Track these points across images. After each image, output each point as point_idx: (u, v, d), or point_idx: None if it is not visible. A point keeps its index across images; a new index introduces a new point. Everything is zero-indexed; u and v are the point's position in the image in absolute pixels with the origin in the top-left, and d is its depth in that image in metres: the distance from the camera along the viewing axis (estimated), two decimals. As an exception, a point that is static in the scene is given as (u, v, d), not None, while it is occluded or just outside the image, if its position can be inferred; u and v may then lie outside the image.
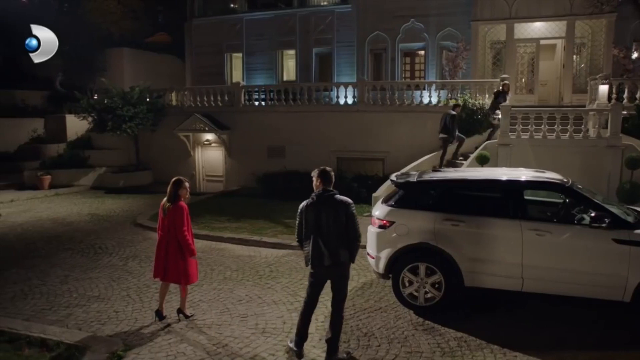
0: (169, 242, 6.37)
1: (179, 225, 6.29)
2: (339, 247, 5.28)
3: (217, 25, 24.10)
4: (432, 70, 21.41)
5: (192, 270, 6.55)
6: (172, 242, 6.34)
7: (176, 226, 6.30)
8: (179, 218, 6.31)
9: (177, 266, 6.35)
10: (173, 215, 6.32)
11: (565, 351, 5.52)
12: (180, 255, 6.36)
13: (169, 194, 6.42)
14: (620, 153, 11.43)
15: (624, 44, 17.76)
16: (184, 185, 6.48)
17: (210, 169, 18.36)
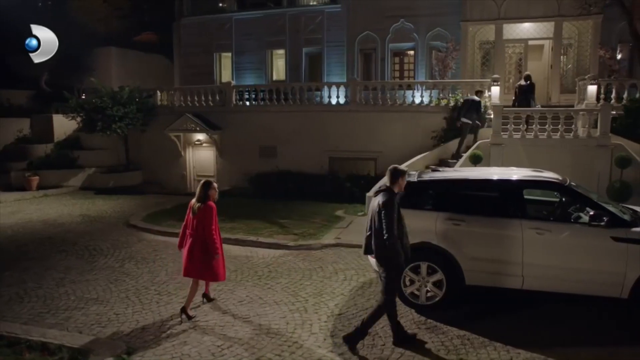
0: (195, 241, 6.58)
1: (207, 224, 6.53)
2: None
3: (206, 25, 23.97)
4: (422, 70, 21.54)
5: (219, 268, 6.73)
6: (199, 240, 6.55)
7: (204, 225, 6.53)
8: (207, 217, 6.53)
9: (203, 264, 6.56)
10: (202, 215, 6.55)
11: (567, 348, 5.60)
12: (207, 253, 6.55)
13: (198, 195, 6.65)
14: (610, 152, 11.63)
15: (609, 45, 18.10)
16: (213, 186, 6.74)
17: (201, 169, 18.25)
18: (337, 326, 6.32)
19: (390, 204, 5.42)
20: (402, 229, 5.62)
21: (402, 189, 5.69)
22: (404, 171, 5.73)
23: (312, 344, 5.86)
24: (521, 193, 6.59)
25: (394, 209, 5.43)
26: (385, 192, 5.57)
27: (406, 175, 5.74)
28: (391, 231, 5.36)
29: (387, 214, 5.37)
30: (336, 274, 8.47)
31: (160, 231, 11.29)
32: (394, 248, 5.42)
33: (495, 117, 12.63)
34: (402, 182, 5.65)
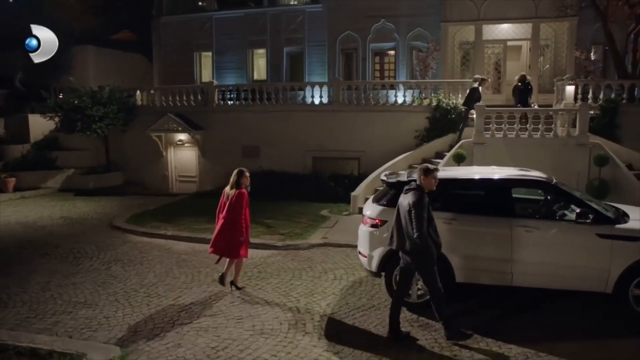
0: (226, 223, 7.30)
1: (238, 208, 7.23)
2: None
3: (186, 24, 23.75)
4: (403, 70, 21.74)
5: (242, 249, 7.45)
6: (229, 222, 7.26)
7: (235, 209, 7.22)
8: (238, 203, 7.23)
9: (228, 244, 7.32)
10: (234, 200, 7.24)
11: (556, 342, 5.74)
12: (234, 235, 7.25)
13: (232, 182, 7.38)
14: (589, 151, 11.95)
15: (584, 46, 18.57)
16: (245, 174, 7.48)
17: (183, 169, 18.09)
18: (331, 325, 6.35)
19: (420, 204, 5.54)
20: (432, 225, 5.73)
21: (433, 187, 5.80)
22: (434, 169, 5.84)
23: (308, 343, 5.88)
24: (510, 192, 6.74)
25: (424, 209, 5.55)
26: (415, 191, 5.67)
27: (436, 173, 5.83)
28: (421, 230, 5.49)
29: (417, 214, 5.51)
30: (325, 273, 8.51)
31: (145, 232, 11.17)
32: (425, 245, 5.57)
33: (478, 116, 12.84)
34: (432, 181, 5.78)
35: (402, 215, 5.77)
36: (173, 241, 10.63)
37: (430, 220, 5.68)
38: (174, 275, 8.41)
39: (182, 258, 9.41)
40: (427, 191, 5.75)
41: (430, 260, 5.72)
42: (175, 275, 8.41)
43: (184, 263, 9.09)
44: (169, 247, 10.23)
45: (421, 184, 5.77)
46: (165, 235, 10.93)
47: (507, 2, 18.58)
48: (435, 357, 5.51)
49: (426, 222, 5.54)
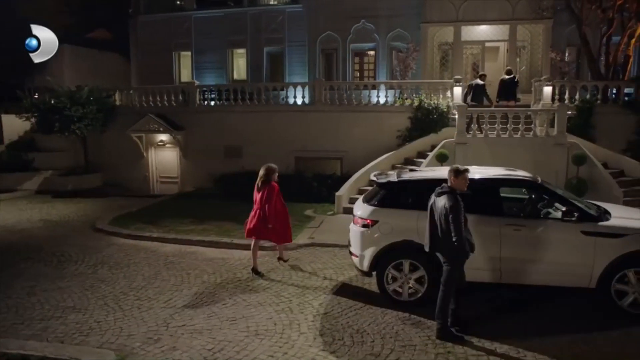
0: (259, 211, 8.37)
1: (268, 199, 8.32)
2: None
3: (165, 23, 23.52)
4: (383, 70, 21.96)
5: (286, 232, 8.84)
6: (262, 211, 8.33)
7: (266, 200, 8.29)
8: (269, 194, 8.35)
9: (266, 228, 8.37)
10: (266, 192, 8.36)
11: (545, 337, 5.92)
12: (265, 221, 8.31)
13: (262, 178, 8.51)
14: (567, 150, 12.28)
15: (559, 48, 19.06)
16: (274, 169, 8.60)
17: (164, 170, 17.91)
18: (325, 325, 6.41)
19: (457, 207, 5.64)
20: (466, 226, 5.81)
21: (464, 188, 5.86)
22: (465, 170, 5.90)
23: (303, 343, 5.93)
24: (498, 191, 6.91)
25: (461, 212, 5.65)
26: (450, 195, 5.75)
27: (467, 174, 5.90)
28: (459, 234, 5.59)
29: (455, 218, 5.60)
30: (315, 273, 8.56)
31: (130, 235, 11.03)
32: (462, 249, 5.66)
33: (460, 117, 13.06)
34: (463, 182, 5.84)
35: (436, 218, 5.86)
36: (159, 243, 10.52)
37: (465, 221, 5.77)
38: (163, 277, 8.34)
39: (169, 260, 9.33)
40: (459, 192, 5.83)
41: (462, 262, 5.85)
42: (164, 277, 8.34)
43: (172, 265, 9.02)
44: (155, 249, 10.12)
45: (452, 185, 5.85)
46: (150, 238, 10.81)
47: (485, 4, 18.96)
48: (430, 354, 5.62)
49: (463, 225, 5.66)
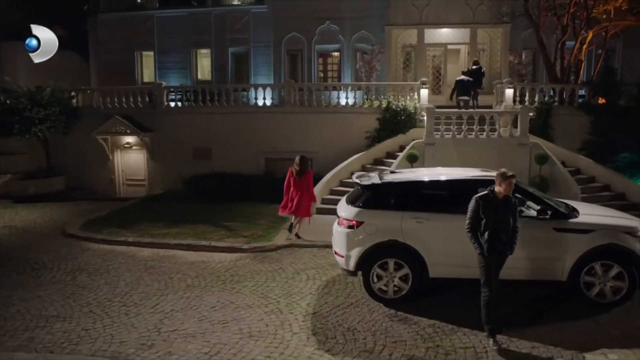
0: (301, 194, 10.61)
1: (310, 183, 10.85)
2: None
3: (126, 22, 22.95)
4: (347, 71, 22.27)
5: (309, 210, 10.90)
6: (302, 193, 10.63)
7: (308, 184, 10.77)
8: (309, 179, 10.84)
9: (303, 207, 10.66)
10: (305, 178, 10.75)
11: (525, 327, 6.32)
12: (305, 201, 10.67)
13: (299, 166, 10.72)
14: (529, 150, 12.90)
15: (517, 51, 19.91)
16: (307, 158, 11.08)
17: (130, 172, 17.58)
18: (316, 325, 6.59)
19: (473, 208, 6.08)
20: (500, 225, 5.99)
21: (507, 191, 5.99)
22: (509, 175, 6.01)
23: (298, 343, 6.09)
24: (476, 191, 7.23)
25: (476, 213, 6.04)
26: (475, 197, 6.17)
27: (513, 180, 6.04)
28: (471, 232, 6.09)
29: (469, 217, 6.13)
30: (298, 274, 8.71)
31: (104, 240, 10.84)
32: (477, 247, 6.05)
33: (428, 118, 13.47)
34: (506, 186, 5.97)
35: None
36: (136, 248, 10.39)
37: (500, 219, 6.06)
38: (146, 282, 8.30)
39: (149, 265, 9.26)
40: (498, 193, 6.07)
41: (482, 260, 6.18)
42: (147, 282, 8.30)
43: (153, 270, 8.97)
44: (132, 253, 10.01)
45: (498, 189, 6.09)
46: (126, 242, 10.66)
47: (447, 8, 19.55)
48: (420, 349, 5.89)
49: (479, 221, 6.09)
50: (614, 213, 7.96)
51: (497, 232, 5.92)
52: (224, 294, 7.78)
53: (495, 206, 5.96)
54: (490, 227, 5.91)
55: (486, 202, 6.00)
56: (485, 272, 6.06)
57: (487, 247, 5.95)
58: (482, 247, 5.99)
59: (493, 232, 5.91)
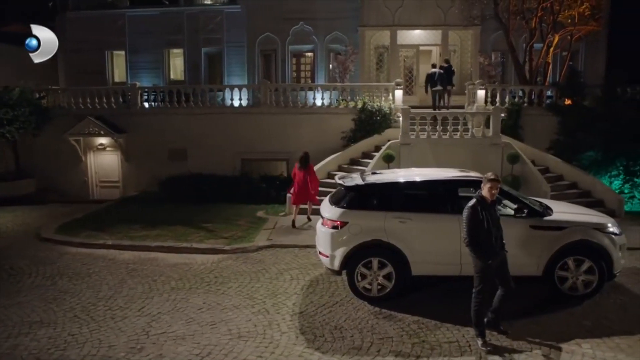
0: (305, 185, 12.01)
1: (313, 177, 12.28)
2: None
3: (96, 20, 22.54)
4: (321, 72, 22.46)
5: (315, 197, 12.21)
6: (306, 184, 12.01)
7: (311, 177, 12.14)
8: (312, 172, 12.31)
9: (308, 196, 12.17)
10: (309, 172, 12.16)
11: (502, 321, 6.58)
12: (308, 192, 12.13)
13: (302, 161, 12.20)
14: (501, 150, 13.33)
15: (486, 53, 20.47)
16: (309, 154, 12.36)
17: (104, 174, 17.31)
18: (304, 324, 6.72)
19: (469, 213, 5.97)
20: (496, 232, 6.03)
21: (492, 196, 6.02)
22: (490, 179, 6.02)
23: (287, 342, 6.20)
24: (457, 191, 7.53)
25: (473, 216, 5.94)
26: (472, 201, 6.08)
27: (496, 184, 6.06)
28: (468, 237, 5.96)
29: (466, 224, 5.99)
30: (281, 274, 8.81)
31: (82, 243, 10.69)
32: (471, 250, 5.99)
33: (404, 119, 13.75)
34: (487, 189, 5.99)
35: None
36: (115, 251, 10.29)
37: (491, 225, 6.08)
38: (130, 285, 8.26)
39: (131, 268, 9.21)
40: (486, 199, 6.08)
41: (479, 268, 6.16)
42: (131, 285, 8.26)
43: (136, 273, 8.92)
44: (112, 257, 9.91)
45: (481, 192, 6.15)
46: (105, 245, 10.55)
47: (419, 10, 19.94)
48: (407, 344, 6.09)
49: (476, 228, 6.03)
50: (583, 210, 8.37)
51: (492, 236, 5.97)
52: (209, 295, 7.82)
53: (488, 211, 5.99)
54: (485, 232, 5.93)
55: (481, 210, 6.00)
56: (480, 279, 6.05)
57: (487, 253, 5.91)
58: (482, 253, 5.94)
59: (489, 237, 5.95)
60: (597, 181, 13.86)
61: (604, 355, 5.83)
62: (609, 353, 5.89)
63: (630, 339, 6.25)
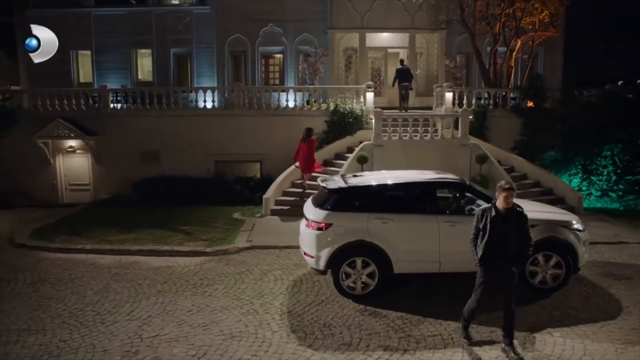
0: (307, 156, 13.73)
1: (312, 149, 13.92)
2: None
3: (60, 19, 21.81)
4: (291, 73, 22.70)
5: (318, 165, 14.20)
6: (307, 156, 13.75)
7: (310, 149, 13.83)
8: (313, 146, 13.97)
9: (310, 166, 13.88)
10: (310, 144, 13.81)
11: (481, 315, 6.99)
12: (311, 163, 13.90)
13: (305, 135, 13.88)
14: (469, 151, 13.91)
15: (452, 56, 21.20)
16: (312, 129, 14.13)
17: (74, 177, 17.00)
18: (293, 322, 6.96)
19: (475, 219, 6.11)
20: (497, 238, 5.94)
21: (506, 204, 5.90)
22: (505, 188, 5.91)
23: (280, 341, 6.44)
24: (435, 193, 7.94)
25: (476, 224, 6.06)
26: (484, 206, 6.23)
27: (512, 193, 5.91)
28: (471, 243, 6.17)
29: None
30: (265, 275, 9.02)
31: (60, 248, 10.57)
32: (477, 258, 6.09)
33: (376, 120, 14.14)
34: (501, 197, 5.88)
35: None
36: (95, 255, 10.24)
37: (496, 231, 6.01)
38: (115, 290, 8.29)
39: (114, 272, 9.22)
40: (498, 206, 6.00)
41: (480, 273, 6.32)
42: (117, 290, 8.30)
43: (119, 277, 8.95)
44: (92, 261, 9.87)
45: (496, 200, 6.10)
46: (84, 250, 10.47)
47: (387, 14, 20.47)
48: (393, 339, 6.44)
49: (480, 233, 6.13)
50: (550, 209, 8.96)
51: (495, 245, 5.88)
52: (197, 297, 7.96)
53: (495, 219, 5.91)
54: (486, 238, 5.90)
55: (484, 214, 6.02)
56: (477, 281, 6.19)
57: (480, 256, 6.01)
58: (476, 255, 6.09)
59: (489, 244, 5.89)
60: (558, 180, 14.64)
61: (573, 342, 6.33)
62: (577, 340, 6.40)
63: (594, 326, 6.81)
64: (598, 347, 6.25)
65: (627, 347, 6.25)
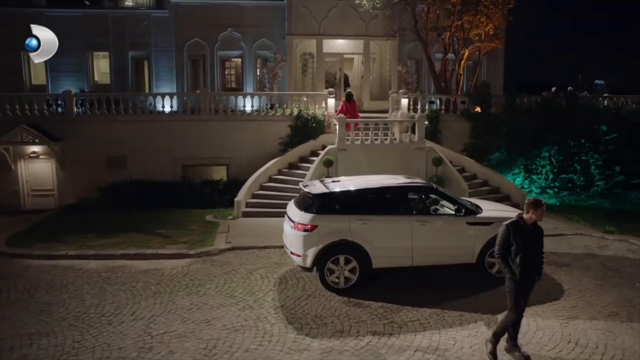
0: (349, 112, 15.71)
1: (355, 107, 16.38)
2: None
3: (9, 19, 21.41)
4: (250, 77, 23.32)
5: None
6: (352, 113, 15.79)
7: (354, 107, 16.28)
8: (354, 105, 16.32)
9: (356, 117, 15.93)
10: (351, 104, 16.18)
11: (450, 302, 8.10)
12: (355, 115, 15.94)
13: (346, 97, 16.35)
14: (426, 154, 15.11)
15: (403, 62, 22.50)
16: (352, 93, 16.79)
17: (37, 182, 16.83)
18: (288, 315, 7.76)
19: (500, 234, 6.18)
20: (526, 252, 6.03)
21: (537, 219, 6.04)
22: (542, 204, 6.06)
23: (279, 332, 7.22)
24: (407, 195, 8.97)
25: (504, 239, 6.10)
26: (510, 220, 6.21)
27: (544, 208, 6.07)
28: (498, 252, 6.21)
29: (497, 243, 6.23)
30: (251, 274, 9.72)
31: (43, 255, 10.74)
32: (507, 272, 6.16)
33: (340, 126, 15.06)
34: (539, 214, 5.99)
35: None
36: (80, 261, 10.51)
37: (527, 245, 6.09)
38: (112, 293, 8.74)
39: (105, 276, 9.61)
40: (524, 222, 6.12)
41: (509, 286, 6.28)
42: (113, 293, 8.74)
43: (112, 281, 9.37)
44: (79, 267, 10.17)
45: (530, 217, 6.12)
46: (67, 256, 10.72)
47: (342, 21, 21.45)
48: (379, 325, 7.38)
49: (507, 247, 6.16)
50: (504, 207, 10.24)
51: (530, 260, 6.00)
52: (193, 297, 8.57)
53: (524, 233, 6.03)
54: (521, 252, 5.95)
55: (516, 229, 6.05)
56: (514, 298, 6.12)
57: (519, 273, 5.99)
58: (514, 273, 6.02)
59: (525, 259, 5.97)
60: (504, 179, 16.16)
61: (527, 320, 7.45)
62: (531, 318, 7.56)
63: (543, 306, 8.05)
64: (547, 323, 7.47)
65: (569, 322, 7.52)
